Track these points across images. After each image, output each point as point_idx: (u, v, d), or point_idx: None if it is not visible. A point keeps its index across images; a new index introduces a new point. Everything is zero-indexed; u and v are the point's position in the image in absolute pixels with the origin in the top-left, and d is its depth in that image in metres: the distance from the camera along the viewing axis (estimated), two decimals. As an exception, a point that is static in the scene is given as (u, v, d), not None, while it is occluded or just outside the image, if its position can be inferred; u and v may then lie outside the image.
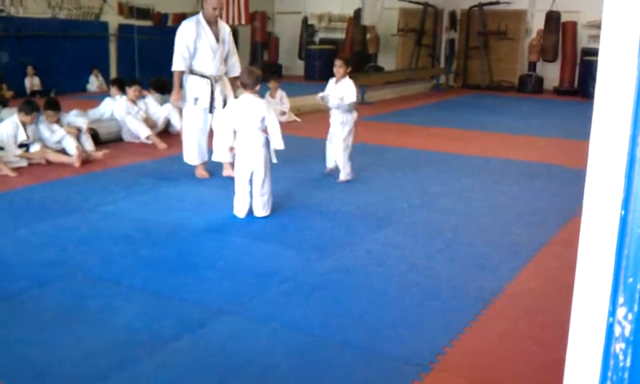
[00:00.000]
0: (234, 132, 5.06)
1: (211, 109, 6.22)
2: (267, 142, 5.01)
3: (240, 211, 5.05)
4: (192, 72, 6.15)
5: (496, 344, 3.13)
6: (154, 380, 2.72)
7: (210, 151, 6.33)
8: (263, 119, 4.94)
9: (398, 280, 3.87)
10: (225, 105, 6.23)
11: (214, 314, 3.34)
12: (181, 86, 6.18)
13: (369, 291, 3.68)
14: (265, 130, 5.00)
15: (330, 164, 6.38)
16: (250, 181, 5.00)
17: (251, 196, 5.03)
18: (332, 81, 6.32)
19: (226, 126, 5.15)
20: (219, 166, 6.42)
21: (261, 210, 5.04)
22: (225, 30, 6.34)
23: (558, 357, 1.29)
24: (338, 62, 6.23)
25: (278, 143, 4.96)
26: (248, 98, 5.02)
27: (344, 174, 6.16)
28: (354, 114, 6.24)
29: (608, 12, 1.13)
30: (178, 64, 6.07)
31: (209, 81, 6.16)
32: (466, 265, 4.16)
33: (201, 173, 6.35)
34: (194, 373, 2.78)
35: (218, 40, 6.18)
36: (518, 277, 3.99)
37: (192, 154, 6.34)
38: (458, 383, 2.77)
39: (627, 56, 1.10)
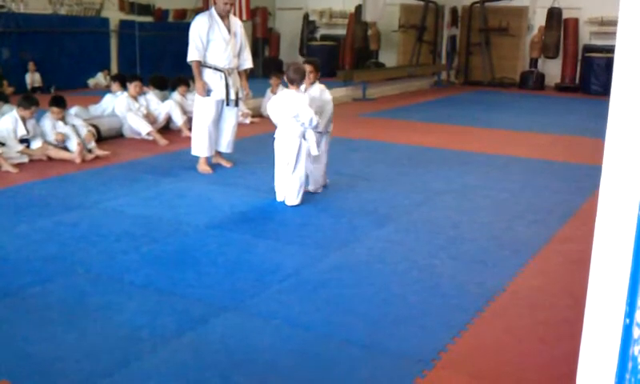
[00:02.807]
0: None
1: (228, 101, 6.32)
2: (304, 135, 5.30)
3: (280, 196, 5.32)
4: (205, 65, 6.23)
5: (498, 341, 3.13)
6: (157, 376, 2.72)
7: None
8: (296, 112, 5.17)
9: (400, 277, 3.86)
10: (237, 98, 6.31)
11: (216, 311, 3.33)
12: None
13: (371, 288, 3.68)
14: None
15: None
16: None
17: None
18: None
19: (270, 114, 5.42)
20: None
21: (292, 199, 5.24)
22: (236, 24, 6.45)
23: (560, 354, 1.28)
24: (307, 67, 5.49)
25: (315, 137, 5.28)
26: (291, 93, 5.27)
27: (315, 187, 5.62)
28: (331, 125, 5.69)
29: (623, 22, 1.11)
30: (192, 54, 6.18)
31: (222, 74, 6.24)
32: (468, 262, 4.15)
33: (204, 168, 6.35)
34: (196, 369, 2.77)
35: (229, 33, 6.27)
36: (521, 274, 3.98)
37: (201, 145, 6.36)
38: (460, 380, 2.77)
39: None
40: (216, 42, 6.21)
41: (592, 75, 14.91)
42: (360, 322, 3.25)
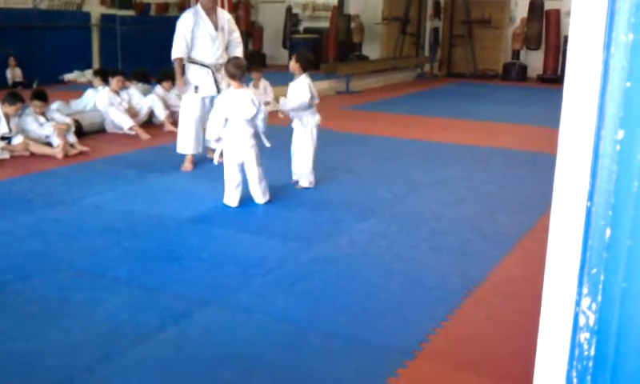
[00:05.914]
0: (225, 121, 5.07)
1: (219, 91, 6.14)
2: (257, 133, 5.12)
3: (231, 200, 5.06)
4: (192, 61, 6.17)
5: (480, 331, 3.16)
6: (139, 371, 2.72)
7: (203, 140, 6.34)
8: (255, 111, 4.99)
9: (382, 269, 3.89)
10: None
11: (199, 305, 3.34)
12: (183, 73, 6.23)
13: (353, 281, 3.70)
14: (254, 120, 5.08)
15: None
16: (241, 170, 5.06)
17: (243, 185, 5.08)
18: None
19: (216, 117, 5.15)
20: (203, 158, 6.42)
21: (261, 198, 5.11)
22: (224, 18, 6.38)
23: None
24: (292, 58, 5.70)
25: (264, 131, 5.13)
26: (236, 90, 5.06)
27: (307, 182, 5.61)
28: (316, 117, 5.59)
29: (575, 15, 1.14)
30: (175, 52, 6.10)
31: (209, 70, 6.18)
32: (450, 253, 4.18)
33: (185, 166, 6.29)
34: (179, 364, 2.78)
35: (217, 28, 6.21)
36: (502, 264, 4.02)
37: (187, 143, 6.29)
38: (442, 370, 2.80)
39: (593, 54, 1.11)
40: (202, 39, 6.15)
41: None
42: (342, 314, 3.27)
